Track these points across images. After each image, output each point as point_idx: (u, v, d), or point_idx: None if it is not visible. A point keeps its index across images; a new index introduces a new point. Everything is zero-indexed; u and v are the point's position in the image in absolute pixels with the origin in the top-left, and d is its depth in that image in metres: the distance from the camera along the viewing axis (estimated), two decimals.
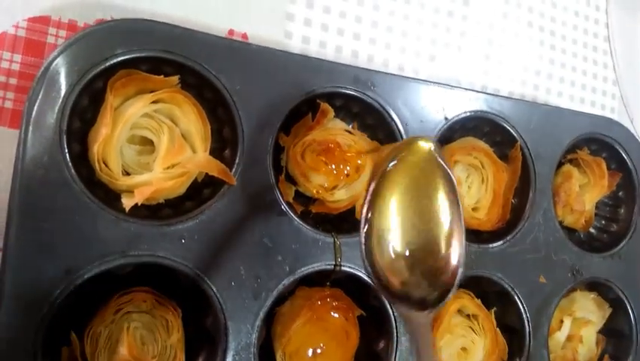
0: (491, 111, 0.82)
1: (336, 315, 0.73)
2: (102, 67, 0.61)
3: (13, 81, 0.71)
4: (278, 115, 0.69)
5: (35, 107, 0.59)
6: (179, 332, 0.65)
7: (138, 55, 0.64)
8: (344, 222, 0.76)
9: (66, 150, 0.60)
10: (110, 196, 0.64)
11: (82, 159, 0.64)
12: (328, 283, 0.75)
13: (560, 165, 0.89)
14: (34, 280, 0.57)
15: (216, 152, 0.69)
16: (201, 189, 0.69)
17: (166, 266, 0.63)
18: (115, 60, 0.62)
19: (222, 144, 0.70)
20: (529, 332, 0.81)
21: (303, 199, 0.76)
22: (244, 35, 0.79)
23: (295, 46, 0.81)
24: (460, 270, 0.49)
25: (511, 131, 0.83)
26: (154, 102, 0.65)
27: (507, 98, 0.84)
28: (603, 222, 0.95)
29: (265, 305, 0.66)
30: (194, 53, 0.66)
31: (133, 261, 0.62)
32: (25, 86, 0.71)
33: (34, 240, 0.58)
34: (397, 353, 0.72)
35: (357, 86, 0.74)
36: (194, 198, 0.68)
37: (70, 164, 0.60)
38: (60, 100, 0.60)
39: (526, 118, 0.84)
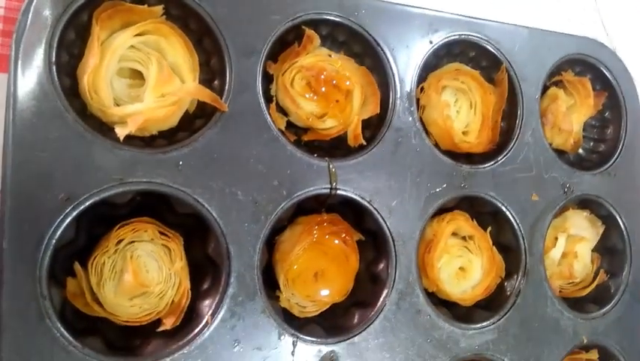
0: (476, 35, 0.83)
1: (335, 241, 0.74)
2: None
3: None
4: (264, 42, 0.70)
5: (23, 40, 0.59)
6: (182, 259, 0.66)
7: None
8: (336, 149, 0.77)
9: (57, 81, 0.60)
10: (103, 129, 0.64)
11: (73, 94, 0.64)
12: (323, 210, 0.76)
13: (546, 88, 0.90)
14: (34, 208, 0.58)
15: (205, 84, 0.70)
16: (193, 120, 0.70)
17: (164, 193, 0.64)
18: None
19: (211, 75, 0.71)
20: (525, 248, 0.82)
21: (295, 129, 0.77)
22: None
23: None
24: None
25: (496, 54, 0.84)
26: (140, 35, 0.65)
27: (491, 21, 0.84)
28: (591, 143, 0.96)
29: (265, 228, 0.68)
30: None
31: (131, 188, 0.62)
32: (11, 30, 0.71)
33: (31, 169, 0.58)
34: (397, 272, 0.74)
35: (341, 12, 0.74)
36: (187, 129, 0.69)
37: (62, 93, 0.60)
38: (47, 31, 0.60)
39: (510, 41, 0.85)
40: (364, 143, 0.75)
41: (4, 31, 0.71)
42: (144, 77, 0.66)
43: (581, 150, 0.95)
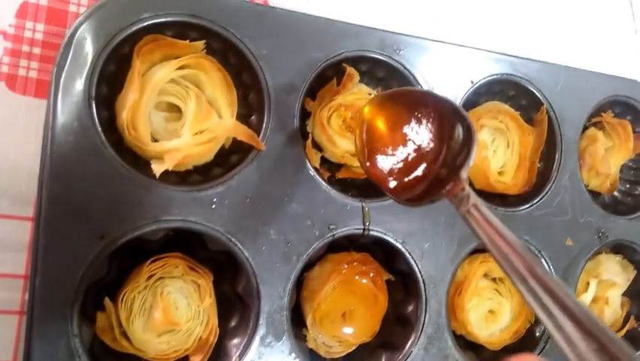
0: (517, 74, 0.81)
1: (364, 280, 0.73)
2: (129, 32, 0.61)
3: (36, 51, 0.71)
4: (303, 79, 0.69)
5: (64, 73, 0.59)
6: (211, 296, 0.66)
7: (164, 20, 0.63)
8: (370, 188, 0.76)
9: (96, 116, 0.60)
10: (139, 163, 0.64)
11: (110, 126, 0.64)
12: (351, 249, 0.75)
13: (585, 128, 0.88)
14: (68, 245, 0.58)
15: (242, 118, 0.69)
16: (229, 156, 0.69)
17: (197, 231, 0.63)
18: (141, 25, 0.62)
19: (248, 110, 0.70)
20: None
21: (329, 165, 0.76)
22: (265, 2, 0.79)
23: (316, 11, 0.80)
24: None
25: (537, 94, 0.82)
26: (180, 68, 0.65)
27: (532, 60, 0.82)
28: (627, 185, 0.94)
29: (296, 269, 0.67)
30: (219, 18, 0.65)
31: (165, 226, 0.62)
32: (49, 55, 0.71)
33: (66, 206, 0.58)
34: (427, 315, 0.73)
35: (382, 49, 0.73)
36: (223, 165, 0.68)
37: (100, 130, 0.60)
38: (88, 65, 0.60)
39: (551, 81, 0.83)
40: None
41: (42, 56, 0.70)
42: (181, 111, 0.66)
43: (616, 192, 0.93)
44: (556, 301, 0.35)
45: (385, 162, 0.57)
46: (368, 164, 0.57)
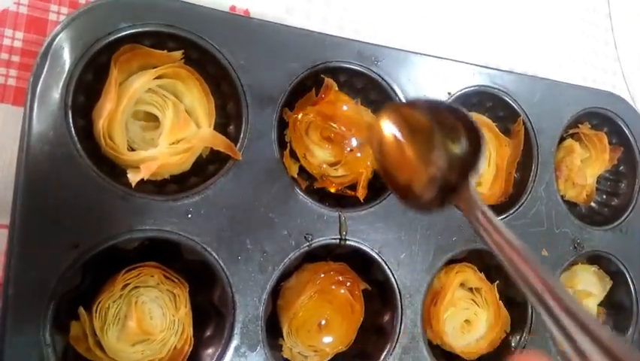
0: (494, 86, 0.82)
1: (341, 290, 0.73)
2: (106, 41, 0.61)
3: (15, 59, 0.70)
4: (281, 90, 0.69)
5: (40, 82, 0.59)
6: (186, 306, 0.66)
7: (142, 30, 0.63)
8: (347, 197, 0.76)
9: (72, 125, 0.60)
10: (115, 172, 0.64)
11: (86, 134, 0.64)
12: (328, 259, 0.75)
13: (562, 139, 0.89)
14: (42, 254, 0.57)
15: (220, 128, 0.69)
16: (206, 166, 0.69)
17: (173, 241, 0.63)
18: (119, 35, 0.62)
19: (226, 119, 0.70)
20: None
21: (307, 175, 0.76)
22: (246, 12, 0.79)
23: (296, 22, 0.81)
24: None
25: (514, 105, 0.83)
26: (158, 78, 0.65)
27: (510, 72, 0.84)
28: (604, 196, 0.95)
29: (272, 279, 0.67)
30: (197, 28, 0.66)
31: (140, 235, 0.62)
32: (28, 63, 0.70)
33: (41, 215, 0.58)
34: (402, 325, 0.73)
35: (360, 60, 0.73)
36: (199, 175, 0.68)
37: (75, 139, 0.60)
38: (65, 75, 0.60)
39: (528, 93, 0.84)
40: (361, 199, 0.74)
41: (21, 64, 0.70)
42: (159, 120, 0.66)
43: (593, 203, 0.94)
44: (573, 318, 0.34)
45: (396, 172, 0.57)
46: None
